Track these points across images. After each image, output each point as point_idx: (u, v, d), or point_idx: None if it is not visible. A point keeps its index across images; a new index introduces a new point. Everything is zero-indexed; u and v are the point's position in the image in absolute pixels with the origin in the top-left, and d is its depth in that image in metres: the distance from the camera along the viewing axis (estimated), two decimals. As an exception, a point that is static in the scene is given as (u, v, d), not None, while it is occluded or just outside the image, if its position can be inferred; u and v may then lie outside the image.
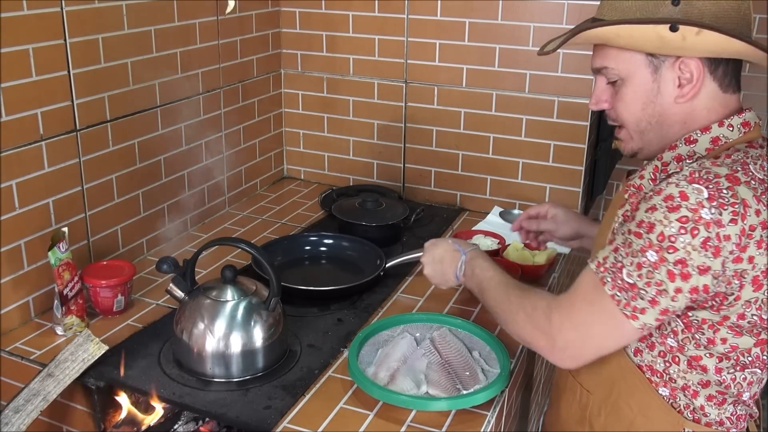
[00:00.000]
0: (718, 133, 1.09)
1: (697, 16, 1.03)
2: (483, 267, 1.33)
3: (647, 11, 1.05)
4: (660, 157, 1.13)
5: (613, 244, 1.07)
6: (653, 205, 1.00)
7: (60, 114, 1.48)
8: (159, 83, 1.74)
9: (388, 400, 1.22)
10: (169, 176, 1.83)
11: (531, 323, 1.15)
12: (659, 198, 1.00)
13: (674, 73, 1.08)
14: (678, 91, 1.09)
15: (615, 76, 1.13)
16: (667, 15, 1.03)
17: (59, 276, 1.40)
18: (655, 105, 1.11)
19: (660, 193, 1.00)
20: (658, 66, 1.09)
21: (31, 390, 1.27)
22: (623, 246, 1.04)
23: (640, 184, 1.13)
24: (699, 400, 1.10)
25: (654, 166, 1.13)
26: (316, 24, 2.17)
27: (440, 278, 1.45)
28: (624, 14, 1.07)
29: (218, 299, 1.30)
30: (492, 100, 2.03)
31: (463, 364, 1.30)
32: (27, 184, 1.43)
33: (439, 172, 2.17)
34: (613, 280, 1.04)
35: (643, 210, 1.02)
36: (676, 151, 1.11)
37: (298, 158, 2.37)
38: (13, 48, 1.35)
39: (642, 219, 1.01)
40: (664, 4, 1.04)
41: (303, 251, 1.82)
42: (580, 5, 1.85)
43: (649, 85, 1.10)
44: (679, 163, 1.10)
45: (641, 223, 1.01)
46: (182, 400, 1.26)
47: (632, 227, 1.03)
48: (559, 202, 2.02)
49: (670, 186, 0.99)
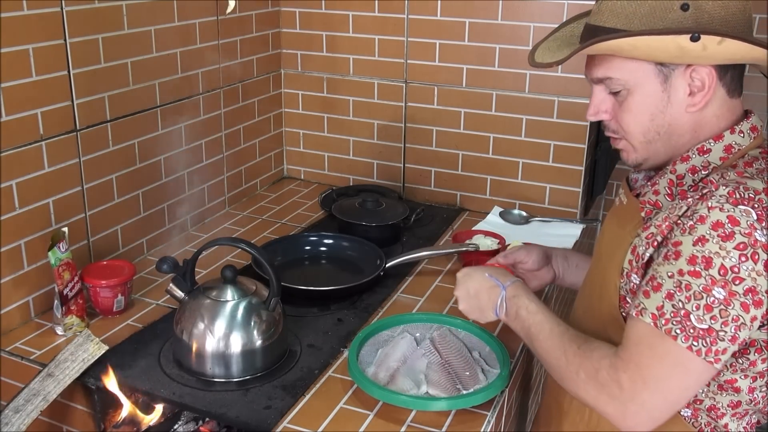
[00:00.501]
0: (730, 141, 1.06)
1: (707, 20, 0.99)
2: (529, 309, 1.19)
3: (655, 17, 1.00)
4: (673, 169, 1.08)
5: (661, 290, 0.97)
6: (702, 236, 0.94)
7: (60, 114, 1.48)
8: (159, 83, 1.74)
9: (388, 400, 1.21)
10: (169, 176, 1.83)
11: (596, 387, 1.03)
12: (705, 227, 0.94)
13: (685, 81, 1.04)
14: (689, 100, 1.05)
15: (619, 87, 1.08)
16: (677, 20, 0.99)
17: (59, 276, 1.40)
18: (665, 115, 1.06)
19: (703, 220, 0.94)
20: (668, 75, 1.04)
21: (31, 390, 1.27)
22: (678, 290, 0.95)
23: (656, 200, 1.08)
24: (724, 419, 1.07)
25: (668, 179, 1.08)
26: (316, 24, 2.17)
27: (478, 314, 1.30)
28: (628, 20, 1.02)
29: (218, 299, 1.30)
30: (492, 100, 2.03)
31: (464, 364, 1.30)
32: (27, 184, 1.43)
33: (439, 172, 2.17)
34: (684, 330, 0.95)
35: (690, 243, 0.95)
36: (690, 162, 1.07)
37: (298, 158, 2.36)
38: (13, 48, 1.35)
39: (693, 254, 0.94)
40: (673, 9, 1.00)
41: (303, 251, 1.82)
42: (580, 5, 1.85)
43: (658, 95, 1.06)
44: (694, 175, 1.06)
45: (694, 259, 0.94)
46: (182, 400, 1.26)
47: (683, 266, 0.95)
48: (559, 202, 2.04)
49: (714, 211, 0.94)
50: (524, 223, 2.03)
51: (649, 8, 1.01)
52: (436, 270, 1.75)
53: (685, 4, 0.99)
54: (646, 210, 1.08)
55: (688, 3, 0.99)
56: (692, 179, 1.06)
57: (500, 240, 1.81)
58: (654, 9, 1.01)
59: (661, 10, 1.00)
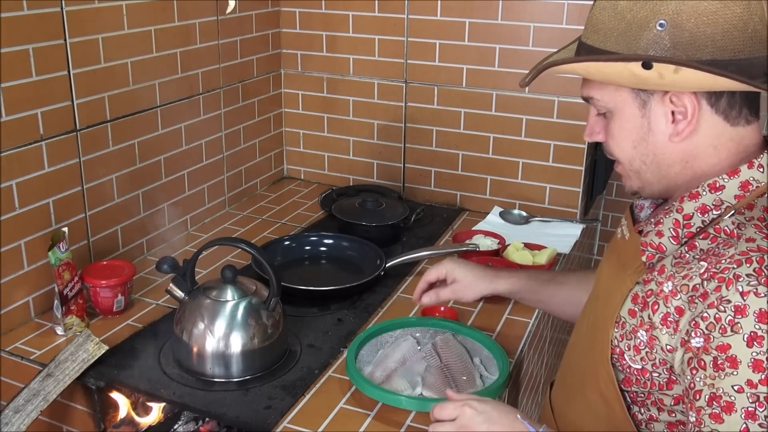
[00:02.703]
0: (747, 177, 0.93)
1: (686, 40, 0.88)
2: None
3: (629, 36, 0.91)
4: (680, 207, 0.95)
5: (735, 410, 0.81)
6: (753, 333, 0.81)
7: (60, 114, 1.48)
8: (159, 83, 1.74)
9: (385, 400, 1.21)
10: (169, 176, 1.83)
11: None
12: (750, 320, 0.81)
13: (665, 108, 0.94)
14: (672, 128, 0.95)
15: (603, 108, 1.00)
16: (653, 40, 0.89)
17: (59, 276, 1.40)
18: (647, 143, 0.97)
19: (744, 312, 0.81)
20: (646, 100, 0.95)
21: (31, 390, 1.27)
22: (759, 405, 0.80)
23: (659, 243, 0.96)
24: None
25: (674, 220, 0.95)
26: (316, 24, 2.17)
27: None
28: (605, 38, 0.94)
29: (218, 299, 1.30)
30: (492, 100, 2.03)
31: (462, 369, 1.29)
32: (27, 184, 1.43)
33: (439, 172, 2.17)
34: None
35: (743, 345, 0.81)
36: (700, 200, 0.94)
37: (298, 158, 2.37)
38: (13, 48, 1.35)
39: (756, 359, 0.80)
40: (649, 27, 0.90)
41: (303, 251, 1.82)
42: (580, 5, 1.85)
43: (637, 121, 0.97)
44: (703, 215, 0.93)
45: (759, 364, 0.80)
46: (182, 400, 1.26)
47: (751, 376, 0.80)
48: (559, 202, 2.04)
49: (750, 297, 0.81)
50: (524, 223, 2.03)
51: (626, 26, 0.92)
52: (436, 270, 1.75)
53: (663, 22, 0.89)
54: (648, 254, 0.97)
55: (664, 21, 0.89)
56: (701, 221, 0.94)
57: (500, 240, 1.81)
58: (630, 27, 0.91)
59: (636, 29, 0.91)
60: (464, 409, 1.05)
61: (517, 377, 1.40)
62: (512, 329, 1.49)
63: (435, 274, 1.41)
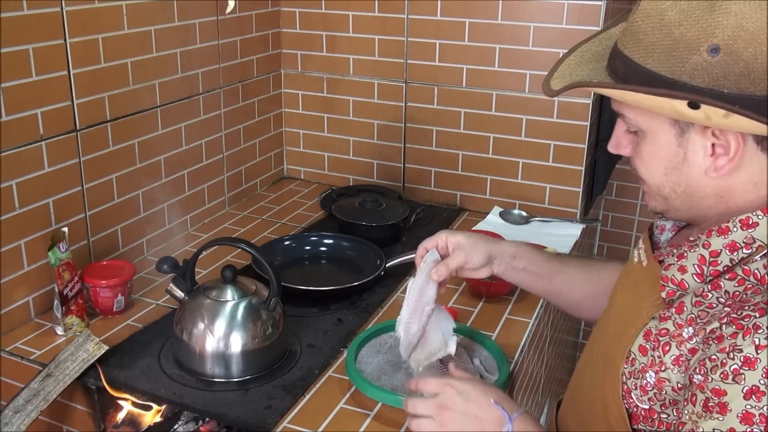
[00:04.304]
0: None
1: (740, 71, 0.78)
2: None
3: (675, 57, 0.81)
4: (707, 243, 0.88)
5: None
6: (755, 387, 0.76)
7: (60, 114, 1.48)
8: (159, 83, 1.74)
9: (385, 401, 1.21)
10: (169, 176, 1.83)
11: None
12: (757, 375, 0.76)
13: (705, 141, 0.85)
14: (710, 162, 0.86)
15: (634, 127, 0.92)
16: (699, 68, 0.80)
17: (59, 276, 1.40)
18: (681, 173, 0.89)
19: (753, 366, 0.76)
20: (685, 129, 0.86)
21: (31, 390, 1.27)
22: None
23: (681, 279, 0.89)
24: None
25: (699, 255, 0.88)
26: (316, 24, 2.17)
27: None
28: (647, 53, 0.84)
29: (218, 299, 1.30)
30: (492, 100, 2.03)
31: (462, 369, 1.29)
32: (27, 184, 1.43)
33: (439, 172, 2.17)
34: None
35: (741, 396, 0.77)
36: (729, 237, 0.87)
37: (298, 158, 2.37)
38: (13, 48, 1.35)
39: (747, 411, 0.76)
40: (698, 51, 0.79)
41: (303, 251, 1.82)
42: (580, 5, 1.85)
43: (672, 149, 0.88)
44: (732, 254, 0.86)
45: (748, 418, 0.76)
46: (182, 400, 1.26)
47: (735, 425, 0.77)
48: (559, 202, 2.04)
49: (764, 352, 0.76)
50: (524, 223, 2.03)
51: (672, 43, 0.81)
52: (436, 270, 1.75)
53: (715, 47, 0.78)
54: (668, 290, 0.90)
55: (718, 45, 0.78)
56: (729, 259, 0.86)
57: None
58: (677, 45, 0.81)
59: (684, 49, 0.80)
60: (446, 388, 1.03)
61: (516, 377, 1.40)
62: (512, 329, 1.49)
63: (432, 242, 1.26)
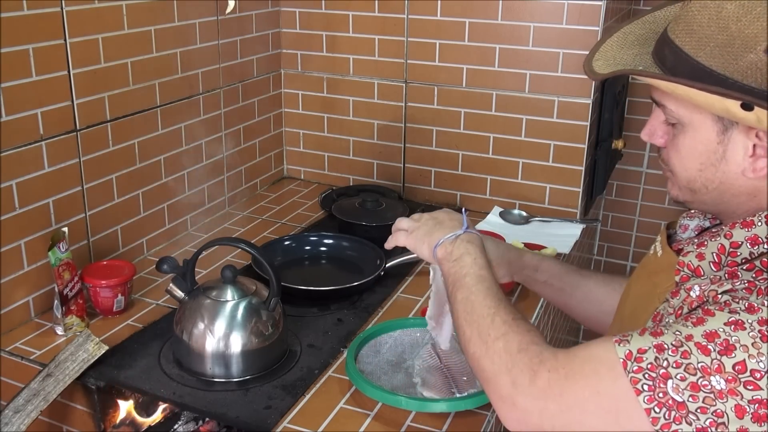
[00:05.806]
0: None
1: None
2: (477, 261, 1.04)
3: (729, 53, 0.79)
4: (729, 233, 0.87)
5: (657, 337, 0.79)
6: (740, 321, 0.76)
7: (60, 114, 1.48)
8: (159, 83, 1.74)
9: (385, 401, 1.21)
10: (169, 176, 1.83)
11: (506, 363, 0.87)
12: (752, 318, 0.75)
13: (747, 140, 0.84)
14: (749, 163, 0.85)
15: (674, 119, 0.90)
16: (753, 67, 0.78)
17: (59, 276, 1.40)
18: (717, 170, 0.88)
19: (752, 311, 0.76)
20: (728, 127, 0.85)
21: (31, 390, 1.27)
22: (673, 350, 0.77)
23: (698, 266, 0.88)
24: None
25: (720, 245, 0.87)
26: (316, 24, 2.17)
27: (419, 239, 1.15)
28: (700, 45, 0.82)
29: (218, 299, 1.30)
30: (492, 100, 2.03)
31: (462, 369, 1.29)
32: (27, 184, 1.43)
33: (439, 172, 2.17)
34: (653, 389, 0.76)
35: (722, 322, 0.76)
36: (753, 230, 0.86)
37: (298, 158, 2.37)
38: (13, 48, 1.35)
39: (716, 332, 0.76)
40: (754, 49, 0.78)
41: (303, 251, 1.82)
42: (580, 5, 1.85)
43: (712, 145, 0.87)
44: (753, 247, 0.85)
45: (713, 336, 0.76)
46: (182, 400, 1.26)
47: (697, 336, 0.77)
48: (559, 202, 2.04)
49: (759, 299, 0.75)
50: (524, 223, 2.03)
51: (728, 38, 0.80)
52: (436, 270, 1.75)
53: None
54: (682, 275, 0.90)
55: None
56: (749, 252, 0.85)
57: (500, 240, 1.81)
58: (732, 41, 0.79)
59: (740, 46, 0.79)
60: (422, 215, 1.20)
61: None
62: (512, 329, 1.49)
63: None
